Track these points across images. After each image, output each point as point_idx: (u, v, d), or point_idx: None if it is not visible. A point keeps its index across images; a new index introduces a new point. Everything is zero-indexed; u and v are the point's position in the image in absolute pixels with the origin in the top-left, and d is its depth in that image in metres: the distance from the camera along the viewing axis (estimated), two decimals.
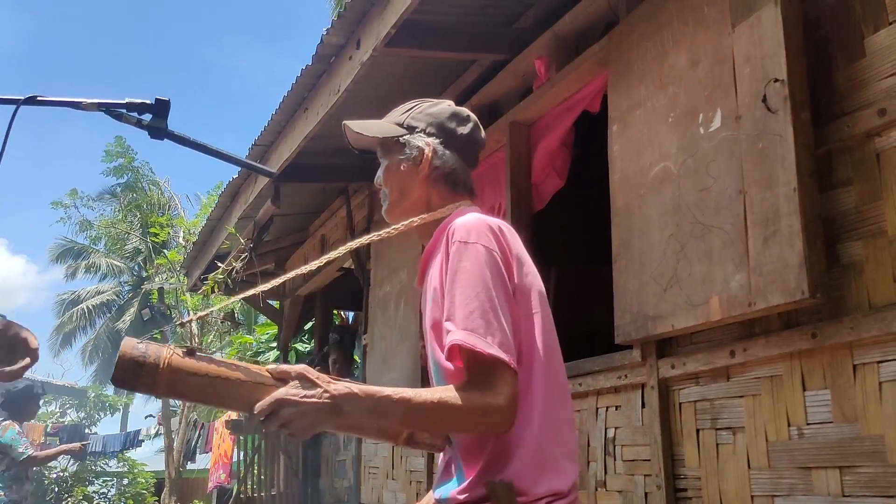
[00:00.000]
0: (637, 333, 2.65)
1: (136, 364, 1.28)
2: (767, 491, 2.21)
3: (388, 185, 1.63)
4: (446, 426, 1.41)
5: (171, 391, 1.32)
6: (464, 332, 1.36)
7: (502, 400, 1.34)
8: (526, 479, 1.39)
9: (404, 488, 4.58)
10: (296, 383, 1.32)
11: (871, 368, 1.96)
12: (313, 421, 1.31)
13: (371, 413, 1.35)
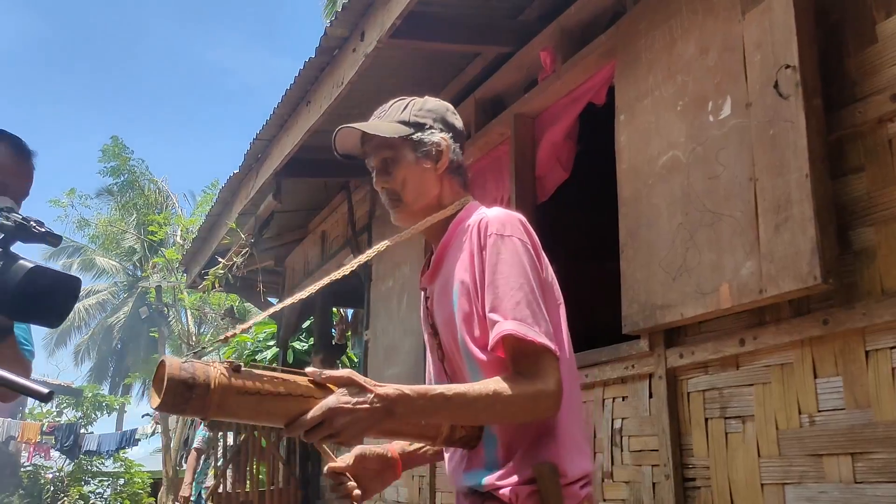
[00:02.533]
0: (645, 323, 2.64)
1: (185, 387, 1.21)
2: (778, 479, 2.20)
3: (404, 185, 1.59)
4: (500, 417, 1.42)
5: (221, 412, 1.26)
6: (514, 322, 1.39)
7: (552, 385, 1.39)
8: (564, 461, 1.43)
9: (406, 483, 4.57)
10: (344, 390, 1.31)
11: (884, 354, 1.95)
12: (366, 427, 1.30)
13: (424, 412, 1.36)
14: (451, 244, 1.60)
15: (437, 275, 1.62)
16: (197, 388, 1.21)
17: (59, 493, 15.64)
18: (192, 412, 1.23)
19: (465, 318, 1.52)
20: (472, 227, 1.54)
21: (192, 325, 12.46)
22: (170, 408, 1.22)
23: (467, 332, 1.52)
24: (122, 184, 16.77)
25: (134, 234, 17.04)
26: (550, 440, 1.45)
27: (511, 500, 1.42)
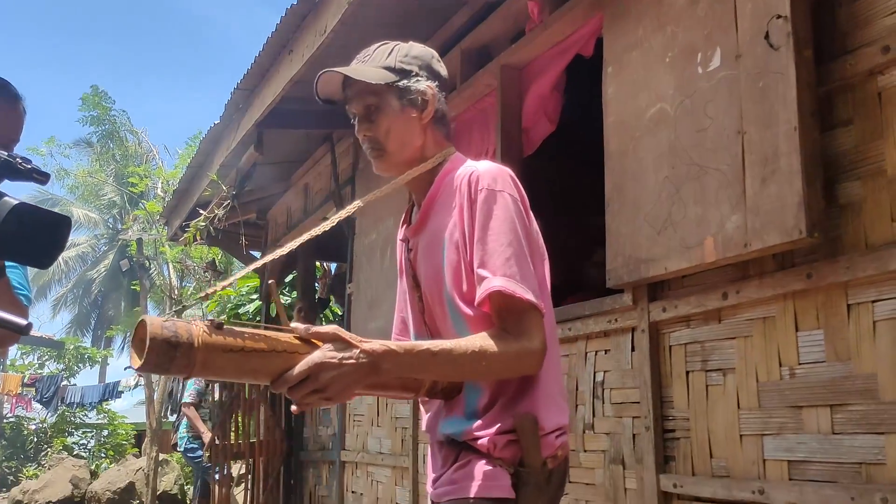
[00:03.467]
0: (629, 277, 2.64)
1: (168, 346, 1.19)
2: (757, 430, 2.23)
3: (387, 134, 1.56)
4: (484, 373, 1.44)
5: (205, 370, 1.24)
6: (502, 278, 1.40)
7: (537, 344, 1.41)
8: (541, 413, 1.47)
9: (389, 434, 4.61)
10: (330, 346, 1.30)
11: (865, 308, 1.96)
12: (351, 382, 1.30)
13: (410, 368, 1.37)
14: (439, 197, 1.58)
15: (423, 228, 1.60)
16: (180, 347, 1.19)
17: (43, 444, 15.70)
18: (175, 371, 1.22)
19: (453, 273, 1.51)
20: (461, 179, 1.52)
21: (174, 279, 12.36)
22: (153, 367, 1.20)
23: (454, 286, 1.51)
24: (101, 134, 16.48)
25: (114, 186, 16.80)
26: (530, 393, 1.47)
27: (489, 449, 1.44)
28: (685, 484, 2.44)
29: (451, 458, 1.52)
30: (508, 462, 1.43)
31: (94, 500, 10.99)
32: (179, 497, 11.32)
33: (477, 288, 1.43)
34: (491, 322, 1.44)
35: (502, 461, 1.43)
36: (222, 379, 1.34)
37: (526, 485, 1.42)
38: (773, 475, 2.16)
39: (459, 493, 1.44)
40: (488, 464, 1.43)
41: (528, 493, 1.42)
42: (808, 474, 2.06)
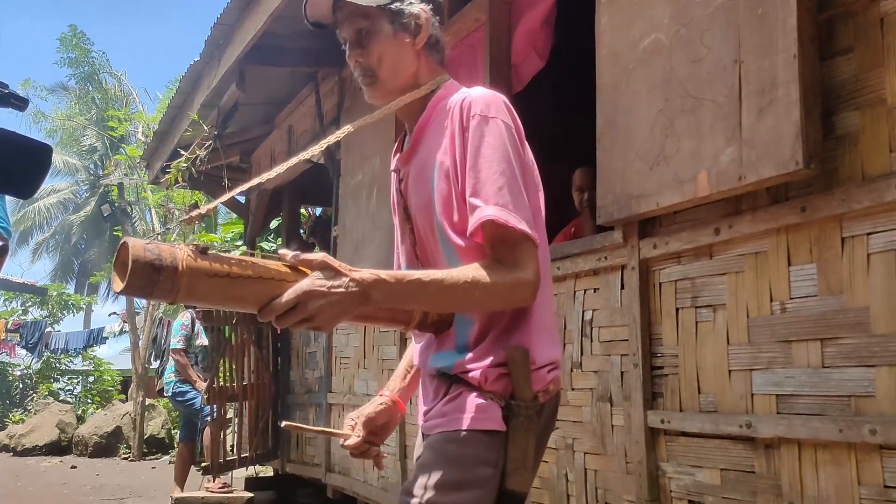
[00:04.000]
0: (620, 213, 2.60)
1: (152, 268, 1.14)
2: (745, 365, 2.22)
3: (379, 61, 1.51)
4: (477, 304, 1.41)
5: (190, 295, 1.20)
6: (495, 207, 1.36)
7: (531, 275, 1.37)
8: (534, 347, 1.44)
9: (376, 376, 4.61)
10: (319, 274, 1.26)
11: (860, 241, 1.94)
12: (340, 311, 1.26)
13: (400, 297, 1.34)
14: (430, 124, 1.53)
15: (413, 156, 1.56)
16: (164, 271, 1.15)
17: (28, 389, 15.73)
18: (158, 295, 1.17)
19: (444, 202, 1.46)
20: (453, 106, 1.47)
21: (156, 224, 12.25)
22: (136, 290, 1.16)
23: (445, 216, 1.46)
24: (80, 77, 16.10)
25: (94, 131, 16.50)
26: (522, 326, 1.45)
27: (480, 382, 1.42)
28: (672, 419, 2.44)
29: (441, 391, 1.50)
30: (499, 395, 1.41)
31: (81, 444, 11.07)
32: (167, 441, 11.41)
33: (469, 217, 1.39)
34: (483, 253, 1.40)
35: (493, 394, 1.41)
36: (207, 305, 1.31)
37: (516, 417, 1.40)
38: (760, 409, 2.16)
39: (450, 426, 1.42)
40: (479, 397, 1.42)
41: (519, 426, 1.40)
42: (797, 408, 2.06)
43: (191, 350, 6.62)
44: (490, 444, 1.39)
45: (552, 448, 2.98)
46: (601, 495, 2.75)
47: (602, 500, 2.74)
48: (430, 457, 1.42)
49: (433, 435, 1.46)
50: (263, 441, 6.05)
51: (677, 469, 2.43)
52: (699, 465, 2.36)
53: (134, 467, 9.75)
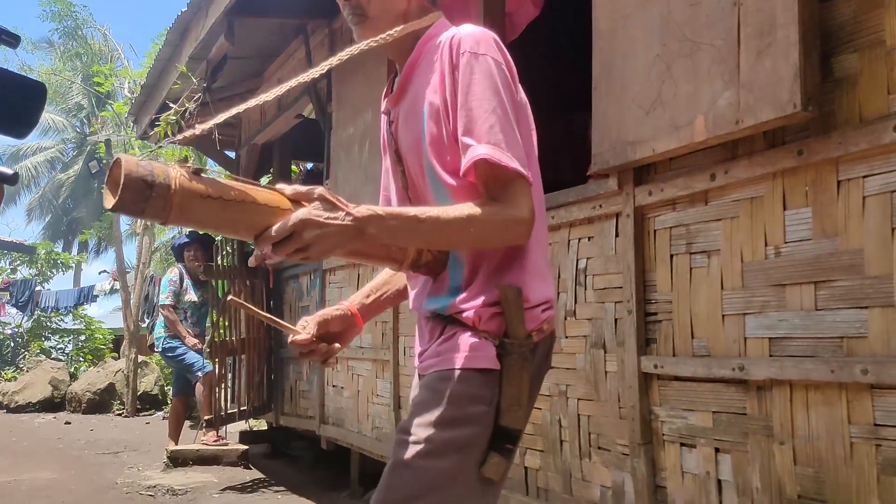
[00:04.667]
0: (615, 160, 2.59)
1: (144, 184, 1.11)
2: (739, 310, 2.24)
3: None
4: (472, 242, 1.41)
5: (183, 216, 1.18)
6: (487, 146, 1.35)
7: (525, 212, 1.37)
8: (527, 287, 1.45)
9: (370, 329, 4.63)
10: (317, 205, 1.26)
11: (855, 183, 1.94)
12: (335, 244, 1.26)
13: (396, 233, 1.33)
14: (420, 63, 1.51)
15: (403, 96, 1.54)
16: (156, 187, 1.12)
17: (20, 348, 15.73)
18: (150, 213, 1.15)
19: (435, 142, 1.45)
20: (443, 44, 1.45)
21: None
22: (128, 206, 1.14)
23: (436, 156, 1.45)
24: (64, 31, 15.79)
25: (80, 87, 16.25)
26: (516, 267, 1.45)
27: (474, 321, 1.43)
28: (665, 364, 2.47)
29: (436, 332, 1.51)
30: (493, 334, 1.42)
31: (75, 400, 11.12)
32: (160, 397, 11.48)
33: (461, 157, 1.38)
34: (476, 192, 1.40)
35: (487, 333, 1.42)
36: (200, 228, 1.31)
37: (510, 355, 1.41)
38: (753, 353, 2.19)
39: (444, 365, 1.43)
40: (473, 336, 1.42)
41: (513, 364, 1.41)
42: (789, 350, 2.09)
43: (179, 306, 6.62)
44: (484, 382, 1.40)
45: (546, 395, 3.02)
46: (594, 440, 2.79)
47: (595, 444, 2.78)
48: (426, 395, 1.43)
49: (428, 375, 1.47)
50: (259, 395, 6.09)
51: (670, 413, 2.47)
52: (691, 408, 2.39)
53: (128, 423, 9.83)
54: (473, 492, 1.39)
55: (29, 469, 5.99)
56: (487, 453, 1.39)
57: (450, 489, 1.36)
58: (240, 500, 4.98)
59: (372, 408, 4.57)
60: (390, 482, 1.38)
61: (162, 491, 5.22)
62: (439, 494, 1.35)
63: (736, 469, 2.24)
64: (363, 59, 4.64)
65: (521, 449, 3.15)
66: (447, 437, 1.37)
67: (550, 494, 3.00)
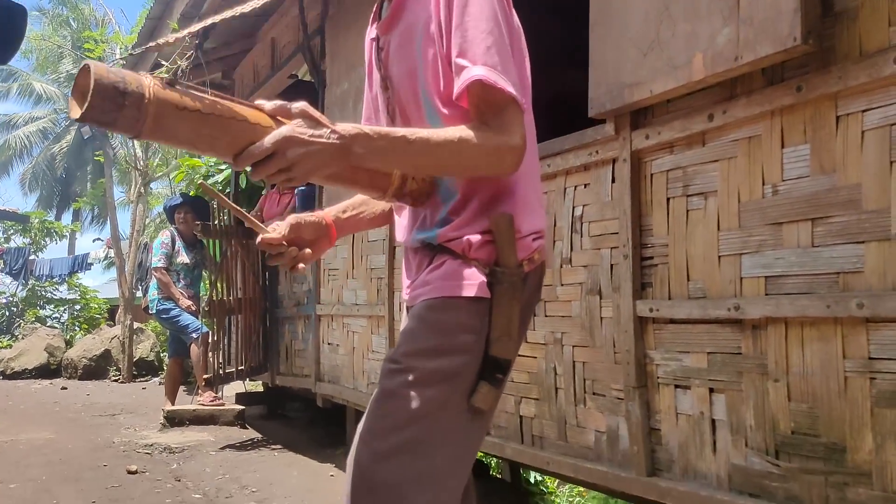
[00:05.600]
0: (612, 104, 2.57)
1: (116, 91, 1.04)
2: (735, 250, 2.24)
3: None
4: (461, 167, 1.36)
5: (158, 129, 1.11)
6: (483, 67, 1.31)
7: (518, 140, 1.34)
8: (519, 217, 1.43)
9: (365, 285, 4.63)
10: (300, 122, 1.20)
11: (854, 118, 1.92)
12: (320, 163, 1.21)
13: (383, 154, 1.28)
14: None
15: (396, 23, 1.50)
16: (129, 96, 1.05)
17: (15, 317, 15.71)
18: (122, 125, 1.08)
19: (430, 68, 1.42)
20: None
21: (138, 150, 12.05)
22: (98, 116, 1.06)
23: (431, 82, 1.43)
24: None
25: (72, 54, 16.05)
26: (507, 196, 1.43)
27: (464, 249, 1.41)
28: (661, 308, 2.47)
29: (425, 262, 1.49)
30: (484, 262, 1.40)
31: (71, 367, 11.13)
32: (156, 363, 11.50)
33: (455, 80, 1.36)
34: (469, 121, 1.37)
35: (478, 261, 1.40)
36: (176, 145, 1.21)
37: (501, 284, 1.39)
38: (749, 292, 2.19)
39: (433, 293, 1.41)
40: (463, 264, 1.40)
41: (504, 293, 1.39)
42: (785, 288, 2.08)
43: (172, 268, 6.61)
44: (474, 310, 1.38)
45: (541, 343, 3.03)
46: (589, 386, 2.80)
47: (590, 390, 2.79)
48: (414, 324, 1.41)
49: (417, 304, 1.44)
50: (255, 355, 6.11)
51: (664, 356, 2.47)
52: (686, 350, 2.39)
53: (124, 388, 9.85)
54: (462, 421, 1.37)
55: (26, 430, 6.00)
56: (477, 383, 1.38)
57: (438, 418, 1.34)
58: (237, 458, 5.01)
59: (367, 364, 4.58)
60: (377, 411, 1.36)
61: (159, 449, 5.24)
62: (427, 423, 1.33)
63: (730, 408, 2.25)
64: (356, 15, 4.58)
65: (516, 398, 3.17)
66: (435, 365, 1.35)
67: (545, 442, 3.02)
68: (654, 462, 2.51)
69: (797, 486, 2.04)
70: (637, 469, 2.53)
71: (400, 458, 1.32)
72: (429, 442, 1.34)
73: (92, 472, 4.48)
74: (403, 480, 1.32)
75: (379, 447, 1.33)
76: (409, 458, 1.33)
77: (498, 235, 1.40)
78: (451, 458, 1.37)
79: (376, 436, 1.34)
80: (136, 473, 4.44)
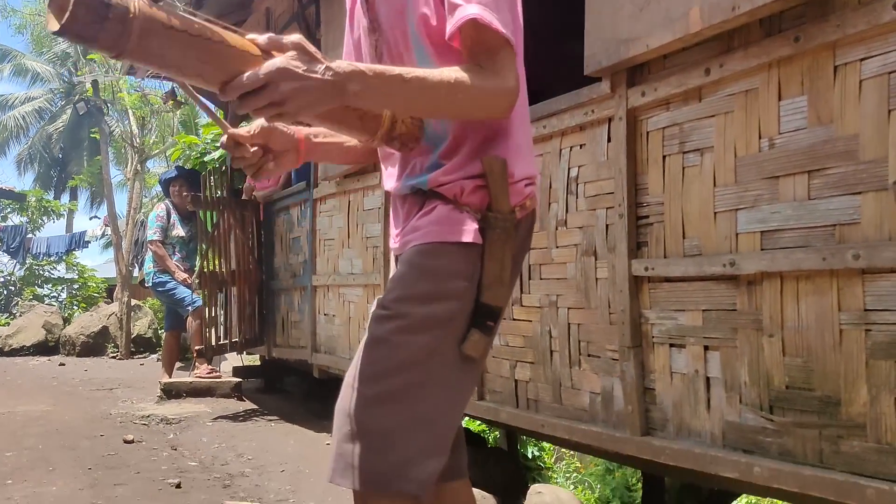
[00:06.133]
0: (608, 60, 2.53)
1: (99, 2, 0.98)
2: (731, 206, 2.21)
3: None
4: (455, 108, 1.32)
5: (142, 47, 1.04)
6: (478, 6, 1.28)
7: (512, 82, 1.31)
8: (511, 161, 1.40)
9: (360, 254, 4.61)
10: (293, 55, 1.15)
11: (852, 67, 1.89)
12: (313, 100, 1.16)
13: (378, 93, 1.23)
14: None
15: None
16: (113, 8, 1.00)
17: (13, 295, 15.71)
18: (105, 41, 1.03)
19: (420, 7, 1.39)
20: None
21: (134, 127, 11.99)
22: (79, 29, 1.00)
23: (423, 23, 1.39)
24: None
25: None
26: (500, 141, 1.40)
27: (455, 194, 1.38)
28: (656, 266, 2.45)
29: (415, 209, 1.46)
30: (476, 208, 1.38)
31: (69, 344, 11.14)
32: (154, 340, 11.51)
33: (448, 18, 1.32)
34: (461, 62, 1.34)
35: (469, 207, 1.38)
36: (161, 69, 1.12)
37: (493, 230, 1.37)
38: (745, 248, 2.17)
39: (424, 239, 1.38)
40: (455, 209, 1.38)
41: (496, 239, 1.37)
42: (781, 242, 2.06)
43: (168, 241, 6.58)
44: (465, 256, 1.36)
45: (536, 306, 3.01)
46: (584, 347, 2.79)
47: (585, 352, 2.78)
48: (405, 270, 1.39)
49: (407, 250, 1.42)
50: (250, 327, 6.10)
51: (660, 315, 2.46)
52: (681, 308, 2.38)
53: (122, 365, 9.86)
54: (452, 368, 1.35)
55: (23, 402, 6.01)
56: (468, 330, 1.36)
57: (427, 365, 1.32)
58: (233, 428, 5.02)
59: (363, 333, 4.55)
60: (367, 357, 1.34)
61: (156, 420, 5.25)
62: (416, 370, 1.32)
63: (724, 365, 2.24)
64: None
65: (511, 362, 3.16)
66: (426, 312, 1.33)
67: (540, 405, 3.01)
68: (648, 422, 2.50)
69: (791, 440, 2.04)
70: (631, 429, 2.52)
71: (391, 404, 1.31)
72: (419, 388, 1.32)
73: (89, 442, 4.48)
74: (395, 426, 1.30)
75: (369, 393, 1.32)
76: (400, 404, 1.31)
77: (491, 178, 1.37)
78: (441, 405, 1.36)
79: (366, 382, 1.33)
80: (133, 443, 4.44)
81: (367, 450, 1.29)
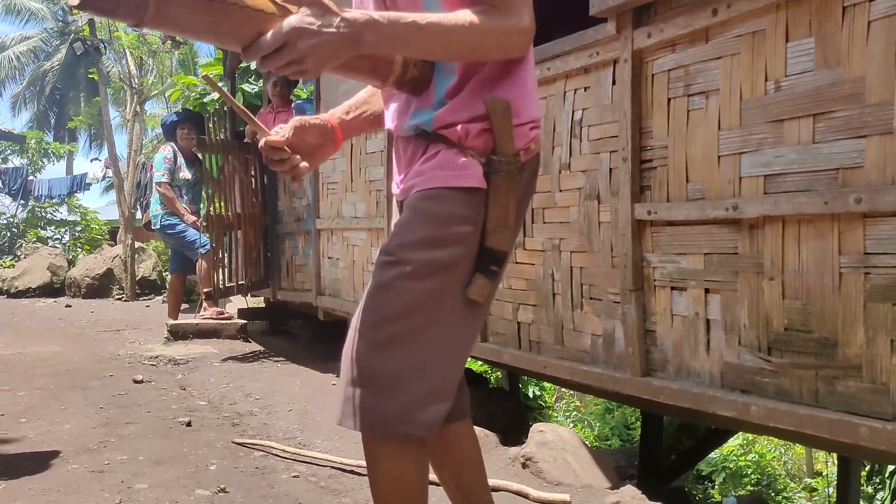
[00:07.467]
0: (614, 0, 2.50)
1: None
2: (735, 149, 2.21)
3: None
4: (472, 51, 1.32)
5: (161, 15, 1.08)
6: None
7: (527, 21, 1.31)
8: (517, 102, 1.39)
9: (364, 198, 4.61)
10: (307, 11, 1.16)
11: (861, 8, 1.87)
12: (331, 54, 1.16)
13: (394, 41, 1.23)
14: None
15: None
16: None
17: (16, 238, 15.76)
18: (125, 10, 1.06)
19: None
20: None
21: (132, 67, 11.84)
22: (100, 3, 1.03)
23: None
24: None
25: None
26: (506, 79, 1.39)
27: (460, 137, 1.37)
28: (659, 210, 2.46)
29: (419, 153, 1.45)
30: (480, 151, 1.37)
31: (74, 285, 11.22)
32: (158, 283, 11.59)
33: None
34: (472, 4, 1.32)
35: (474, 150, 1.37)
36: (179, 33, 1.16)
37: (498, 174, 1.36)
38: (748, 192, 2.18)
39: (428, 184, 1.38)
40: (459, 153, 1.37)
41: (500, 183, 1.37)
42: (784, 186, 2.07)
43: (174, 184, 6.56)
44: (470, 201, 1.36)
45: (538, 250, 3.03)
46: (586, 290, 2.82)
47: (587, 295, 2.82)
48: (409, 215, 1.39)
49: (411, 195, 1.42)
50: (256, 270, 6.14)
51: (662, 258, 2.48)
52: (683, 251, 2.40)
53: (128, 306, 9.96)
54: (457, 313, 1.36)
55: (32, 344, 6.10)
56: (472, 275, 1.37)
57: (432, 310, 1.33)
58: (240, 368, 5.11)
59: (367, 276, 4.61)
60: (372, 303, 1.34)
61: (164, 361, 5.33)
62: (421, 315, 1.33)
63: (725, 308, 2.27)
64: None
65: (514, 305, 3.20)
66: (430, 257, 1.33)
67: (542, 347, 3.06)
68: (648, 363, 2.55)
69: (788, 380, 2.08)
70: (632, 370, 2.57)
71: (396, 349, 1.33)
72: (423, 333, 1.34)
73: (98, 382, 4.56)
74: (401, 370, 1.33)
75: (375, 338, 1.33)
76: (405, 349, 1.33)
77: (495, 121, 1.36)
78: (446, 349, 1.38)
79: (372, 327, 1.34)
80: (142, 383, 4.52)
81: (374, 394, 1.32)
